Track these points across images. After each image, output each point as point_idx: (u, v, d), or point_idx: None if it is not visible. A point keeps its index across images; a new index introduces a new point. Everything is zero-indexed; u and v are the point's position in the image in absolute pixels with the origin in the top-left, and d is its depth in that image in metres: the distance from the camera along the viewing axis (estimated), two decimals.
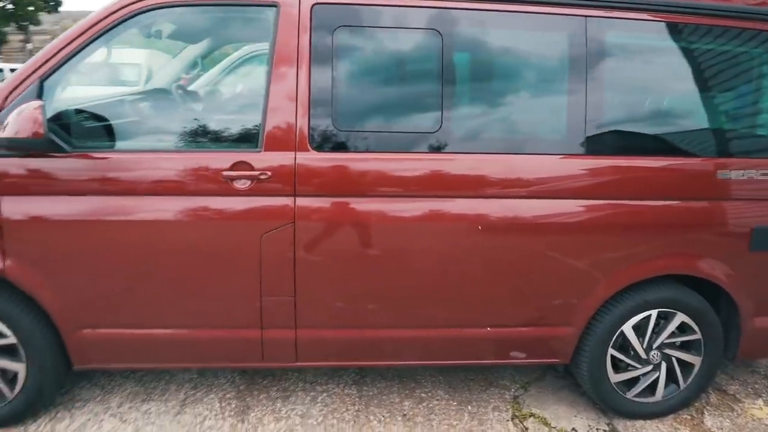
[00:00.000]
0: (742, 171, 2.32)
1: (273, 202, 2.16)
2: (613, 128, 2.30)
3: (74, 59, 2.15)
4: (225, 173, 2.13)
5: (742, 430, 2.54)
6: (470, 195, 2.23)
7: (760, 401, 2.77)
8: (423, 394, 2.71)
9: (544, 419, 2.59)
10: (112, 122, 2.34)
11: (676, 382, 2.57)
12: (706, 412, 2.66)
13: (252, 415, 2.50)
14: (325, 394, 2.67)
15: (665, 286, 2.44)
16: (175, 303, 2.26)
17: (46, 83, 2.10)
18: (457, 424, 2.51)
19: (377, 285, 2.29)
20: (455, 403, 2.66)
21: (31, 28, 30.73)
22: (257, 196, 2.15)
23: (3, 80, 12.21)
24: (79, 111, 2.31)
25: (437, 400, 2.68)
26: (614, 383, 2.51)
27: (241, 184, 2.13)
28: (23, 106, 1.93)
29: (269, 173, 2.13)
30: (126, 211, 2.15)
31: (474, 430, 2.47)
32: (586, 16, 2.20)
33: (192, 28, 2.79)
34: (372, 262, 2.25)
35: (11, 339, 2.23)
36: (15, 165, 2.08)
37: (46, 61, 2.11)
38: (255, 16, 2.31)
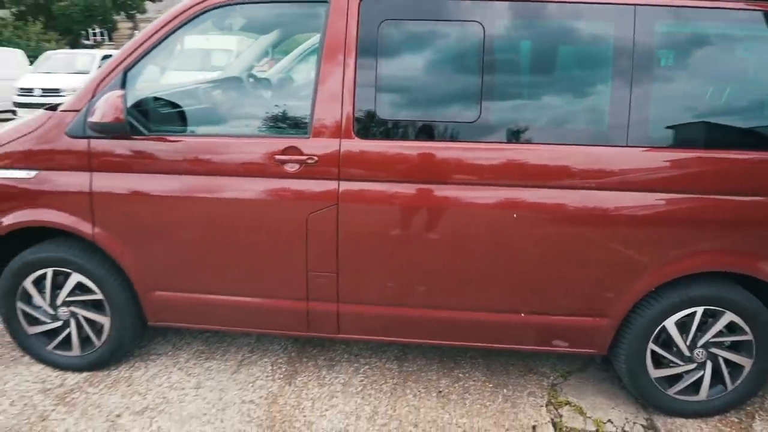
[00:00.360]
0: None
1: (319, 184, 2.33)
2: (692, 121, 2.26)
3: (153, 52, 2.43)
4: (277, 157, 2.33)
5: None
6: (509, 184, 2.28)
7: None
8: (461, 374, 2.82)
9: (580, 408, 2.60)
10: (185, 109, 2.61)
11: (724, 383, 2.48)
12: (757, 416, 2.55)
13: (299, 379, 2.73)
14: (367, 367, 2.85)
15: (712, 283, 2.36)
16: (232, 272, 2.51)
17: (129, 74, 2.40)
18: (490, 404, 2.59)
19: (417, 267, 2.41)
20: (491, 385, 2.74)
21: (138, 16, 33.24)
22: (305, 178, 2.34)
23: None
24: (156, 98, 2.60)
25: (474, 380, 2.77)
26: (654, 378, 2.48)
27: (291, 167, 2.33)
28: (108, 94, 2.24)
29: (316, 158, 2.31)
30: (194, 189, 2.42)
31: (506, 412, 2.55)
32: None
33: (258, 21, 3.03)
34: (413, 244, 2.37)
35: (99, 295, 2.60)
36: (103, 145, 2.41)
37: (129, 54, 2.40)
38: (310, 11, 2.47)
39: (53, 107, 2.60)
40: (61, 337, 2.69)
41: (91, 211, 2.46)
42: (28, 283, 2.62)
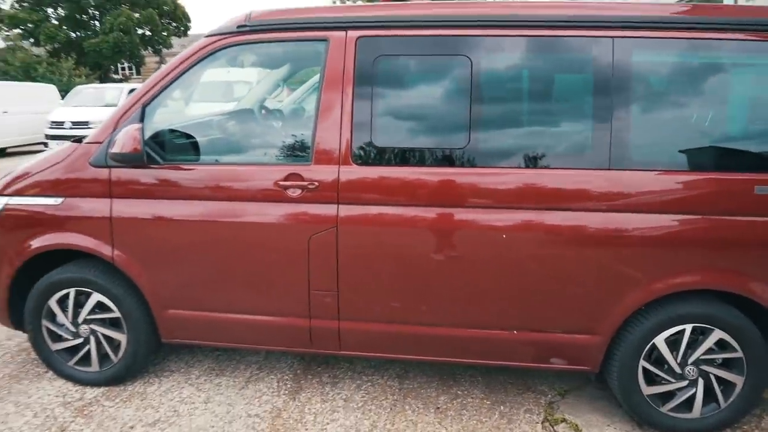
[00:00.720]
0: None
1: (319, 208, 2.50)
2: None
3: (169, 88, 2.66)
4: (281, 183, 2.51)
5: None
6: (497, 206, 2.41)
7: None
8: (459, 392, 2.90)
9: (576, 425, 2.66)
10: (197, 139, 2.82)
11: (717, 400, 2.53)
12: None
13: (303, 395, 2.85)
14: (369, 384, 2.96)
15: (700, 301, 2.43)
16: (240, 291, 2.67)
17: (147, 108, 2.63)
18: (486, 420, 2.67)
19: (413, 286, 2.54)
20: (489, 402, 2.82)
21: (164, 51, 34.61)
22: (306, 203, 2.50)
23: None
24: (171, 130, 2.81)
25: (472, 398, 2.85)
26: (647, 395, 2.54)
27: (293, 192, 2.50)
28: (127, 127, 2.46)
29: (316, 183, 2.48)
30: (204, 214, 2.60)
31: (502, 428, 2.62)
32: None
33: (267, 58, 3.26)
34: (409, 264, 2.51)
35: (117, 314, 2.79)
36: (122, 174, 2.63)
37: (147, 91, 2.63)
38: (311, 48, 2.68)
39: (79, 139, 2.83)
40: (81, 354, 2.88)
41: (111, 234, 2.67)
42: (52, 302, 2.81)
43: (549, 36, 2.39)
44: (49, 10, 31.81)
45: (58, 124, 12.68)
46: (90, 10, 32.35)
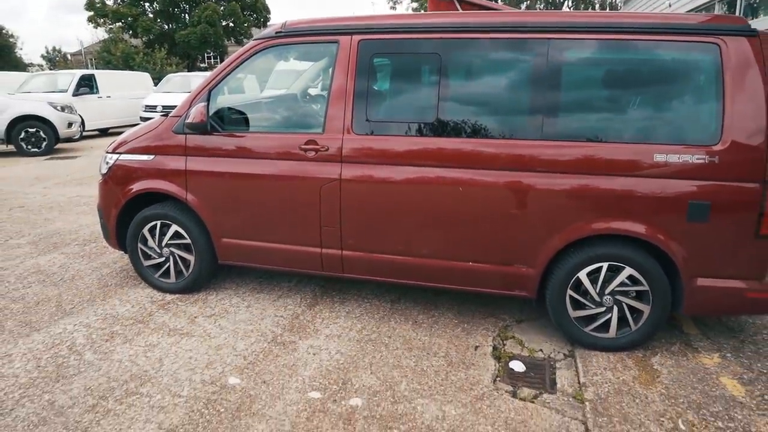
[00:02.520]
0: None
1: (328, 166, 3.42)
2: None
3: (227, 77, 3.68)
4: (302, 146, 3.46)
5: (681, 368, 3.08)
6: (450, 165, 3.23)
7: (716, 355, 3.23)
8: (436, 313, 3.76)
9: (521, 341, 3.44)
10: (245, 115, 3.82)
11: (629, 324, 3.22)
12: (659, 354, 3.24)
13: (317, 307, 3.82)
14: (368, 303, 3.88)
15: (615, 244, 3.13)
16: (272, 226, 3.66)
17: (212, 92, 3.66)
18: (450, 331, 3.51)
19: (395, 224, 3.40)
20: (456, 321, 3.65)
21: (245, 41, 36.90)
22: (319, 161, 3.44)
23: None
24: (228, 108, 3.83)
25: (444, 318, 3.70)
26: (573, 318, 3.27)
27: (310, 154, 3.44)
28: (197, 105, 3.50)
29: (327, 147, 3.40)
30: (248, 167, 3.60)
31: (460, 336, 3.45)
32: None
33: (305, 54, 4.23)
34: (390, 208, 3.37)
35: (188, 240, 3.88)
36: (195, 139, 3.68)
37: (213, 79, 3.67)
38: (327, 49, 3.59)
39: (166, 114, 3.93)
40: (163, 269, 4.00)
41: (186, 182, 3.74)
42: (145, 231, 3.95)
43: (514, 38, 3.15)
44: (146, 5, 34.81)
45: (152, 108, 14.49)
46: (181, 4, 35.03)
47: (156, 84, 17.70)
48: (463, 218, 3.27)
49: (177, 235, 3.90)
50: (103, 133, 15.86)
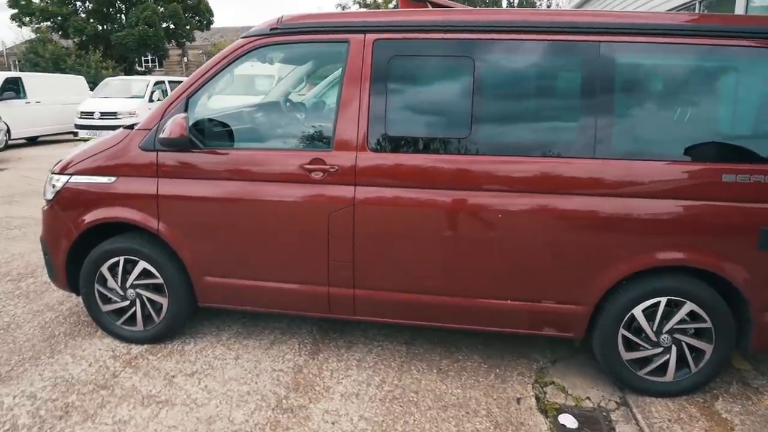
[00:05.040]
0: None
1: (338, 189, 2.85)
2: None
3: (210, 82, 3.03)
4: (305, 166, 2.87)
5: (751, 415, 2.73)
6: (493, 189, 2.74)
7: None
8: (460, 357, 3.25)
9: (563, 387, 2.99)
10: (232, 128, 3.18)
11: (688, 366, 2.84)
12: (721, 398, 2.88)
13: (321, 355, 3.22)
14: (379, 348, 3.32)
15: (674, 276, 2.74)
16: (267, 261, 3.04)
17: (191, 100, 3.01)
18: (482, 380, 3.01)
19: (420, 259, 2.87)
20: (486, 366, 3.16)
21: (187, 44, 35.31)
22: (327, 184, 2.86)
23: (163, 90, 14.36)
24: (210, 120, 3.19)
25: (471, 362, 3.20)
26: (626, 360, 2.85)
27: (316, 175, 2.86)
28: (175, 116, 2.84)
29: (337, 167, 2.83)
30: (238, 193, 2.97)
31: (496, 386, 2.96)
32: None
33: (294, 56, 3.62)
34: (418, 240, 2.84)
35: (159, 280, 3.18)
36: (169, 157, 3.01)
37: (190, 85, 3.01)
38: (334, 49, 3.03)
39: (130, 127, 3.23)
40: (128, 315, 3.28)
41: (157, 209, 3.06)
42: (104, 269, 3.22)
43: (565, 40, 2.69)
44: (78, 4, 32.62)
45: (88, 115, 13.27)
46: (117, 4, 33.08)
47: (92, 88, 16.32)
48: (507, 249, 2.79)
49: (145, 273, 3.19)
50: (32, 141, 14.41)
